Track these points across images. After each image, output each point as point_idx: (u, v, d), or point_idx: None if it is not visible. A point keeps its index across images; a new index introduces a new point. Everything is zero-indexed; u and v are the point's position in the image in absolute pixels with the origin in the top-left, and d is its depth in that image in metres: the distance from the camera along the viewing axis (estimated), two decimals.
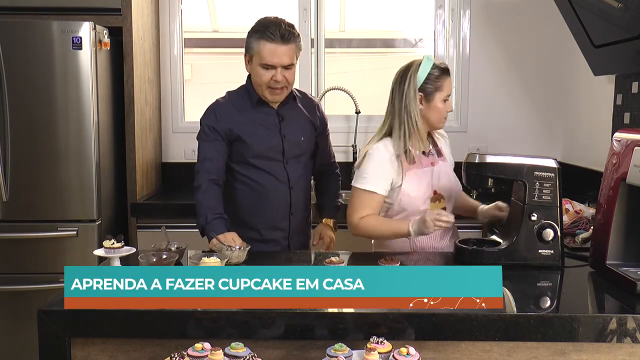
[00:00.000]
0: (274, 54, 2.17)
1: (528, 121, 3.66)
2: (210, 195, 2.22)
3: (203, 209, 2.19)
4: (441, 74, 2.12)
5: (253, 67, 2.23)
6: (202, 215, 2.18)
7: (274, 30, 2.16)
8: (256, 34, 2.20)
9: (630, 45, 2.32)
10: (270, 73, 2.19)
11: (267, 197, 2.30)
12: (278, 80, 2.20)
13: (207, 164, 2.25)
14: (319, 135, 2.44)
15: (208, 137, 2.27)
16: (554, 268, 1.94)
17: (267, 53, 2.17)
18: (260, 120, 2.29)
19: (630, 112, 2.68)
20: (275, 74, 2.18)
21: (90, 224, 2.94)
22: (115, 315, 1.53)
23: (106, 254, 1.88)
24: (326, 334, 1.52)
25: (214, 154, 2.26)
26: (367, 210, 2.12)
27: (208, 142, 2.27)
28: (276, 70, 2.18)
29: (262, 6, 3.68)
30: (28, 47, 2.83)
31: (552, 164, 1.95)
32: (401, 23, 3.94)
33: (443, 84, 2.12)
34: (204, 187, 2.22)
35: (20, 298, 2.91)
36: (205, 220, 2.16)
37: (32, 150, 2.87)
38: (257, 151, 2.27)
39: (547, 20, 3.51)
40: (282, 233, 2.33)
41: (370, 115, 3.70)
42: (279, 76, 2.19)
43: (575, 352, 1.54)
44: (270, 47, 2.16)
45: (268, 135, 2.29)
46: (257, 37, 2.19)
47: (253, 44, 2.20)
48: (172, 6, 3.64)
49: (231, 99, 2.34)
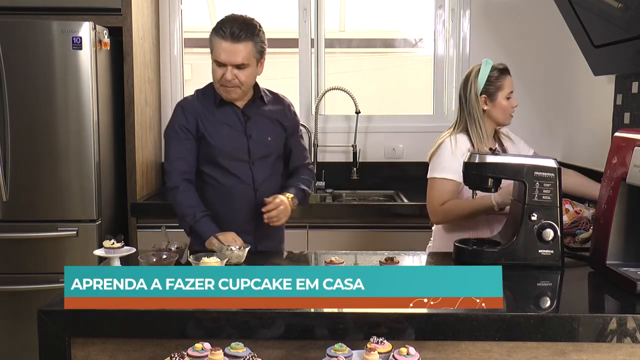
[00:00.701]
0: (223, 51, 2.11)
1: (528, 121, 3.66)
2: (190, 195, 2.19)
3: (187, 208, 2.16)
4: (500, 74, 2.31)
5: (211, 64, 2.20)
6: (189, 215, 2.15)
7: (226, 28, 2.11)
8: (213, 30, 2.16)
9: (630, 45, 2.32)
10: (222, 70, 2.14)
11: (231, 198, 2.25)
12: (228, 79, 2.14)
13: (179, 163, 2.21)
14: (290, 137, 2.36)
15: (178, 135, 2.22)
16: (554, 268, 1.94)
17: (218, 50, 2.13)
18: (225, 120, 2.24)
19: (630, 112, 2.68)
20: (226, 72, 2.13)
21: (90, 224, 2.94)
22: (115, 315, 1.52)
23: (106, 254, 1.88)
24: (326, 334, 1.52)
25: (184, 152, 2.21)
26: (447, 196, 2.24)
27: (178, 141, 2.22)
28: (226, 69, 2.13)
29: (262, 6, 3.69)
30: (28, 47, 2.83)
31: (552, 164, 1.95)
32: (401, 23, 3.94)
33: (503, 83, 2.31)
34: (182, 187, 2.19)
35: (20, 298, 2.91)
36: (194, 219, 2.13)
37: (32, 150, 2.87)
38: (222, 151, 2.22)
39: (547, 20, 3.52)
40: (249, 236, 2.20)
41: (370, 115, 3.70)
42: (228, 75, 2.13)
43: (575, 352, 1.54)
44: (220, 44, 2.12)
45: (233, 134, 2.24)
46: (212, 34, 2.16)
47: (210, 40, 2.17)
48: (172, 6, 3.65)
49: (198, 96, 2.29)
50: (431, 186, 2.29)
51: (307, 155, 2.49)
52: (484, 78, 2.29)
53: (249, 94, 2.26)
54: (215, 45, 2.13)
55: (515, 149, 2.43)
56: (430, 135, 2.46)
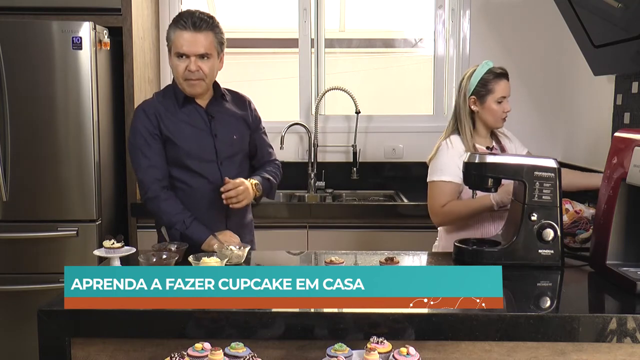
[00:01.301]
0: (185, 41, 2.10)
1: (528, 121, 3.66)
2: (173, 202, 2.15)
3: (174, 216, 2.12)
4: (495, 77, 2.30)
5: (171, 60, 2.16)
6: (178, 222, 2.11)
7: (187, 18, 2.11)
8: (172, 25, 2.15)
9: (630, 45, 2.32)
10: (185, 63, 2.12)
11: (200, 200, 2.20)
12: (192, 70, 2.11)
13: (153, 171, 2.15)
14: (253, 132, 2.34)
15: (146, 141, 2.16)
16: (554, 268, 1.94)
17: (179, 42, 2.11)
18: (188, 120, 2.20)
19: (630, 112, 2.68)
20: (189, 63, 2.11)
21: (90, 224, 2.94)
22: (115, 315, 1.52)
23: (106, 254, 1.88)
24: (326, 334, 1.52)
25: (156, 159, 2.16)
26: (446, 198, 2.27)
27: (148, 148, 2.16)
28: (190, 60, 2.11)
29: (262, 6, 3.69)
30: (28, 47, 2.83)
31: (552, 164, 1.95)
32: (401, 23, 3.94)
33: (495, 87, 2.29)
34: (164, 196, 2.15)
35: (20, 298, 2.91)
36: (184, 225, 2.10)
37: (32, 151, 2.87)
38: (188, 152, 2.18)
39: (547, 20, 3.52)
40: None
41: (370, 115, 3.70)
42: (192, 66, 2.11)
43: (575, 352, 1.54)
44: (182, 34, 2.10)
45: (198, 135, 2.20)
46: (172, 27, 2.14)
47: (170, 34, 2.15)
48: (172, 6, 3.64)
49: (158, 98, 2.24)
50: (431, 189, 2.31)
51: (273, 152, 2.45)
52: (477, 79, 2.30)
53: (209, 92, 2.24)
54: (176, 37, 2.12)
55: (513, 146, 2.44)
56: (430, 135, 2.46)
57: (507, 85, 2.32)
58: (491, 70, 2.31)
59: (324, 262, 1.89)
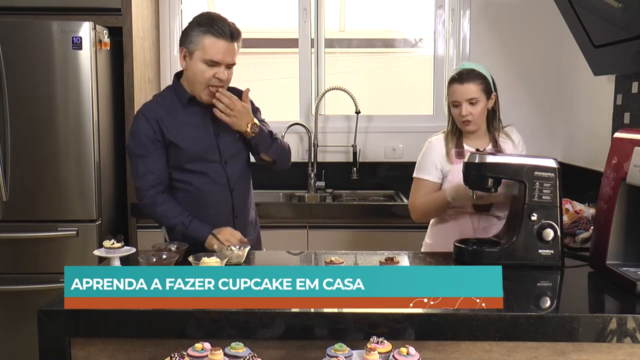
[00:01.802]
0: (221, 50, 2.05)
1: (528, 121, 3.66)
2: (169, 205, 2.13)
3: (173, 219, 2.11)
4: (449, 82, 2.31)
5: (193, 63, 2.08)
6: (178, 223, 2.10)
7: (223, 26, 2.04)
8: (201, 28, 2.06)
9: (630, 45, 2.32)
10: (213, 70, 2.06)
11: (206, 201, 2.17)
12: (222, 79, 2.07)
13: (150, 177, 2.12)
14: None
15: (146, 149, 2.12)
16: (554, 268, 1.94)
17: (215, 49, 2.04)
18: (191, 122, 2.16)
19: (630, 112, 2.68)
20: (219, 72, 2.06)
21: (90, 224, 2.94)
22: (115, 315, 1.52)
23: (106, 254, 1.88)
24: (326, 334, 1.52)
25: (153, 166, 2.12)
26: (421, 195, 2.35)
27: (147, 154, 2.12)
28: (220, 68, 2.06)
29: (262, 6, 3.69)
30: (28, 47, 2.83)
31: (552, 164, 1.95)
32: (401, 23, 3.94)
33: (449, 91, 2.30)
34: (159, 200, 2.13)
35: (20, 298, 2.91)
36: (184, 226, 2.09)
37: (32, 151, 2.87)
38: (192, 154, 2.15)
39: (547, 20, 3.52)
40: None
41: (370, 115, 3.70)
42: (223, 74, 2.07)
43: (575, 352, 1.54)
44: (218, 43, 2.04)
45: (202, 136, 2.16)
46: (202, 31, 2.05)
47: (196, 38, 2.06)
48: (172, 6, 3.65)
49: (158, 100, 2.20)
50: (412, 186, 2.41)
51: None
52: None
53: None
54: (210, 44, 2.04)
55: (515, 152, 2.41)
56: (430, 136, 2.46)
57: (461, 89, 2.25)
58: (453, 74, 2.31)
59: (324, 262, 1.89)
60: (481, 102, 2.27)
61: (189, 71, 2.10)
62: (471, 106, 2.26)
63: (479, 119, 2.29)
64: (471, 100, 2.25)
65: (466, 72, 2.27)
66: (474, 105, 2.26)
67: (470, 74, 2.27)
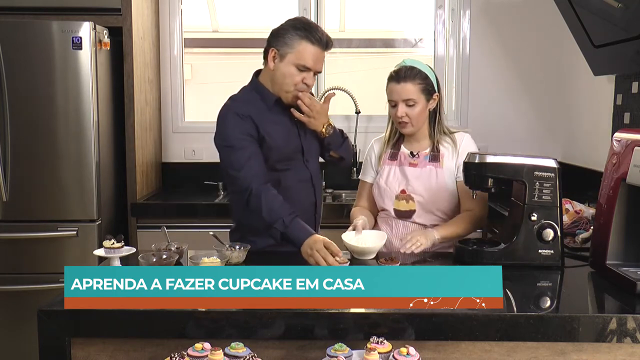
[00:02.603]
0: (316, 58, 2.07)
1: (528, 121, 3.66)
2: (279, 199, 2.03)
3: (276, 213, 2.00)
4: (388, 79, 2.19)
5: (283, 65, 2.08)
6: (278, 220, 1.99)
7: (321, 35, 2.07)
8: (298, 32, 2.06)
9: (630, 45, 2.33)
10: (302, 75, 2.07)
11: (293, 199, 2.12)
12: (309, 85, 2.10)
13: (255, 165, 2.06)
14: None
15: (244, 141, 2.08)
16: (554, 268, 1.94)
17: (310, 56, 2.06)
18: (278, 120, 2.16)
19: (630, 112, 2.68)
20: (307, 77, 2.08)
21: (90, 224, 2.94)
22: (115, 315, 1.52)
23: (106, 254, 1.88)
24: (326, 334, 1.52)
25: (256, 156, 2.08)
26: (360, 199, 2.38)
27: (246, 146, 2.07)
28: (309, 74, 2.09)
29: (262, 6, 3.69)
30: (28, 47, 2.83)
31: (552, 164, 1.95)
32: (401, 23, 3.94)
33: (387, 89, 2.19)
34: (270, 192, 2.03)
35: (20, 298, 2.92)
36: (284, 225, 1.98)
37: (32, 151, 2.87)
38: (282, 152, 2.16)
39: (547, 20, 3.52)
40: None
41: (370, 115, 3.70)
42: (311, 80, 2.10)
43: (575, 352, 1.54)
44: (314, 50, 2.06)
45: (288, 134, 2.18)
46: (299, 36, 2.06)
47: (291, 41, 2.06)
48: (172, 6, 3.65)
49: (245, 99, 2.17)
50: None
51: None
52: None
53: None
54: (306, 49, 2.05)
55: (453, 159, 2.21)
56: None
57: (397, 89, 2.13)
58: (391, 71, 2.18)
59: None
60: (419, 104, 2.13)
61: (278, 72, 2.10)
62: (408, 107, 2.13)
63: (416, 121, 2.15)
64: (408, 101, 2.12)
65: (404, 70, 2.13)
66: (411, 107, 2.13)
67: (409, 73, 2.12)
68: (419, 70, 2.13)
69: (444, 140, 2.23)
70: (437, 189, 2.18)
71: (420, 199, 2.18)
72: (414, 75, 2.12)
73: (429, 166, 2.20)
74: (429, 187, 2.18)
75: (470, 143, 2.23)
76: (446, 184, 2.19)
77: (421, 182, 2.19)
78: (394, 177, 2.24)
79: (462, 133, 2.25)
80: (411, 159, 2.23)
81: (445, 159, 2.19)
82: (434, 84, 2.17)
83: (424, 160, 2.21)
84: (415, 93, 2.12)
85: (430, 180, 2.19)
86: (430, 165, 2.20)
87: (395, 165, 2.25)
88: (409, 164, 2.23)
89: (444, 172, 2.19)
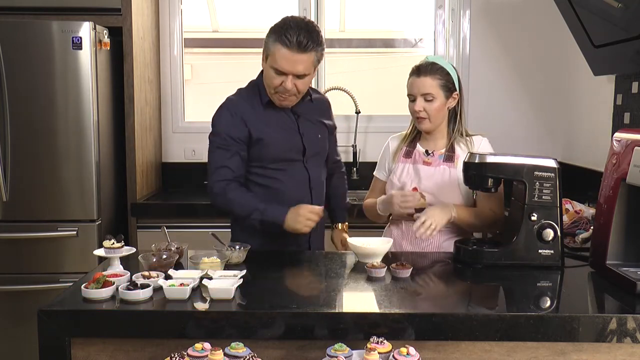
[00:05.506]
0: (287, 61, 2.01)
1: (528, 121, 3.66)
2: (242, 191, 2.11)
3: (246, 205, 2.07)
4: (409, 73, 2.18)
5: (266, 67, 2.09)
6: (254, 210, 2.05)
7: (292, 36, 1.99)
8: (274, 35, 2.04)
9: (630, 45, 2.33)
10: (280, 79, 2.04)
11: (285, 199, 2.13)
12: (287, 89, 2.06)
13: (226, 172, 2.11)
14: (330, 135, 2.35)
15: (226, 143, 2.11)
16: (554, 268, 1.94)
17: (280, 59, 2.01)
18: (275, 119, 2.15)
19: (630, 112, 2.68)
20: (286, 81, 2.04)
21: (90, 224, 2.94)
22: (115, 315, 1.53)
23: (106, 254, 1.88)
24: (326, 334, 1.51)
25: (232, 161, 2.12)
26: (372, 194, 2.36)
27: (225, 149, 2.11)
28: (287, 78, 2.03)
29: (262, 6, 3.68)
30: (28, 47, 2.83)
31: (552, 164, 1.95)
32: (401, 23, 3.94)
33: (408, 83, 2.18)
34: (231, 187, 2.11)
35: (20, 298, 2.91)
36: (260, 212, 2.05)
37: (32, 150, 2.87)
38: (278, 152, 2.15)
39: (547, 20, 3.52)
40: (304, 236, 2.17)
41: (370, 115, 3.70)
42: (288, 84, 2.04)
43: (575, 352, 1.54)
44: (284, 53, 2.00)
45: (286, 134, 2.17)
46: (274, 39, 2.03)
47: (270, 44, 2.05)
48: (172, 6, 3.65)
49: (243, 96, 2.18)
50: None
51: (340, 156, 2.55)
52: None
53: None
54: (277, 52, 2.01)
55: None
56: None
57: (417, 82, 2.13)
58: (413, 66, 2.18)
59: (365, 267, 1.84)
60: (438, 99, 2.13)
61: (265, 73, 2.12)
62: (426, 102, 2.12)
63: (434, 117, 2.15)
64: (426, 95, 2.12)
65: (425, 65, 2.14)
66: (430, 101, 2.12)
67: (430, 68, 2.12)
68: (440, 66, 2.14)
69: (461, 142, 2.22)
70: (449, 189, 2.18)
71: (431, 197, 2.17)
72: (434, 70, 2.13)
73: (443, 165, 2.20)
74: (440, 186, 2.18)
75: (488, 147, 2.23)
76: (458, 184, 2.17)
77: (433, 181, 2.19)
78: (407, 174, 2.23)
79: (480, 137, 2.24)
80: (425, 158, 2.22)
81: (459, 160, 2.17)
82: (454, 82, 2.16)
83: (438, 160, 2.21)
84: (434, 88, 2.12)
85: (442, 179, 2.19)
86: (444, 165, 2.20)
87: (409, 163, 2.24)
88: (423, 162, 2.22)
89: (458, 172, 2.17)
